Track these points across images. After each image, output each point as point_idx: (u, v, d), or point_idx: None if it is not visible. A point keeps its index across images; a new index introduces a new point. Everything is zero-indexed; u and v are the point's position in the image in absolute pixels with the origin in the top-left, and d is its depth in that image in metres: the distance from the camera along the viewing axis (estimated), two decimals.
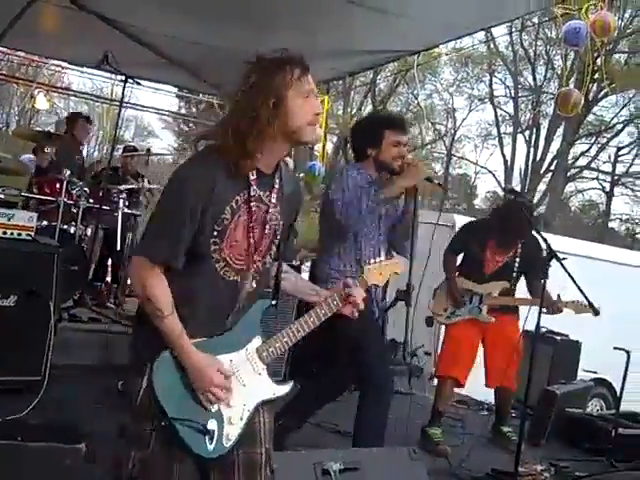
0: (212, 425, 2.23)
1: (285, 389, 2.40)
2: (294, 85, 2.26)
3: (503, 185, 28.17)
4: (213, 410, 2.24)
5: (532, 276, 5.39)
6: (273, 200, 2.31)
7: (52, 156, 7.03)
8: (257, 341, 2.34)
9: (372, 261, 2.58)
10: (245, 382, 2.30)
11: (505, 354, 5.25)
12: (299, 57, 2.30)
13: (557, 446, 5.58)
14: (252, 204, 2.25)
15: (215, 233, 2.20)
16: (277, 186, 2.33)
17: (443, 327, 5.79)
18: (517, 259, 5.44)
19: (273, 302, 2.40)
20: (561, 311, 5.13)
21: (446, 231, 8.08)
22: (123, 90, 7.20)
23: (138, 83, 7.43)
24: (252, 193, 2.24)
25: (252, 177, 2.24)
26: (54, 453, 2.45)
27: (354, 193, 3.92)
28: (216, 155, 2.21)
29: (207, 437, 2.21)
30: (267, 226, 2.32)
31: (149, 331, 2.19)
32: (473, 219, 6.87)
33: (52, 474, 2.45)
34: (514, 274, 5.45)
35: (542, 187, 27.90)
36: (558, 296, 5.10)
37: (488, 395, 6.15)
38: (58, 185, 6.50)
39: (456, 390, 5.70)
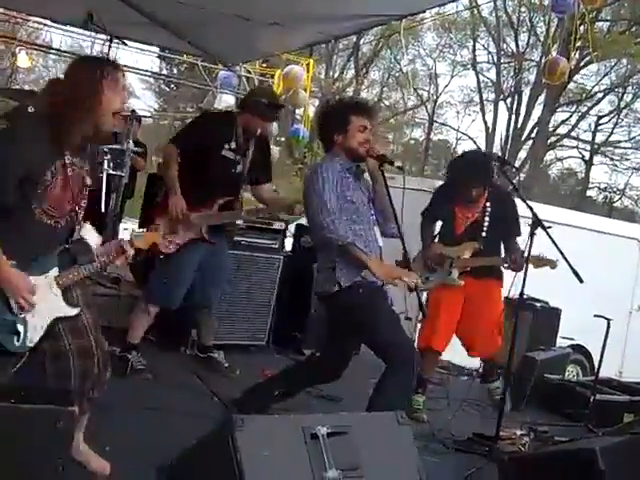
0: (20, 328, 2.91)
1: (74, 311, 3.07)
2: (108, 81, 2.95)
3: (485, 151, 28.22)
4: (20, 317, 2.90)
5: (506, 235, 5.36)
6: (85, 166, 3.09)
7: None
8: (55, 272, 3.02)
9: (140, 230, 3.42)
10: (46, 300, 2.98)
11: (490, 322, 5.26)
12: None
13: (536, 411, 5.67)
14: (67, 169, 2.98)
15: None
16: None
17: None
18: (486, 217, 5.34)
19: (66, 246, 3.08)
20: (521, 268, 5.02)
21: (427, 196, 8.10)
22: (109, 50, 7.10)
23: (124, 43, 7.31)
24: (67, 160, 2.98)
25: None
26: (47, 415, 2.45)
27: (335, 203, 3.91)
28: None
29: (15, 336, 2.90)
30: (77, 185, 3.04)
31: None
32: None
33: (45, 436, 2.45)
34: (483, 232, 5.34)
35: (522, 154, 28.03)
36: (522, 252, 5.05)
37: (469, 360, 6.23)
38: None
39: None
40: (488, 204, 5.37)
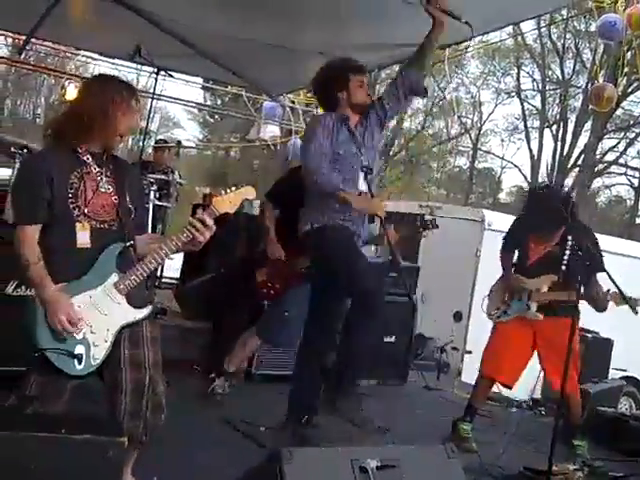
0: (79, 350, 2.82)
1: (144, 312, 2.99)
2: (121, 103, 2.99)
3: (530, 180, 28.02)
4: (79, 337, 2.83)
5: (585, 270, 4.89)
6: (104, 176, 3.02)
7: None
8: (114, 277, 2.92)
9: (222, 192, 3.04)
10: (106, 312, 2.89)
11: (561, 357, 5.02)
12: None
13: (590, 445, 5.50)
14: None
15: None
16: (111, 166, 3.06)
17: (475, 323, 5.66)
18: (566, 250, 5.08)
19: (127, 244, 2.98)
20: (605, 308, 5.00)
21: (476, 226, 8.03)
22: (155, 82, 7.20)
23: (171, 75, 7.42)
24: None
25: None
26: (97, 445, 2.46)
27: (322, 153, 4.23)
28: None
29: (75, 360, 2.80)
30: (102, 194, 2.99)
31: None
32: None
33: (95, 466, 2.46)
34: (563, 266, 5.09)
35: (569, 182, 27.66)
36: (604, 290, 4.96)
37: (516, 392, 6.11)
38: None
39: None
40: (569, 237, 5.12)
